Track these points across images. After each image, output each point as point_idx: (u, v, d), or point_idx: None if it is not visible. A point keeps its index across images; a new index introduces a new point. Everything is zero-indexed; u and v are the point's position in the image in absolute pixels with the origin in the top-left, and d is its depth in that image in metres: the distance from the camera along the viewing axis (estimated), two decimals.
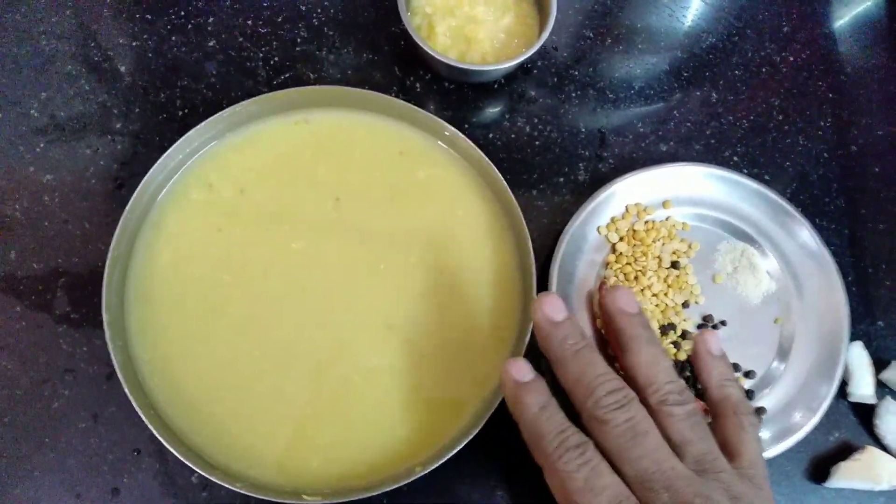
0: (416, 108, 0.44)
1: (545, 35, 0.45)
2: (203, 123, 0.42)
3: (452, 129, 0.44)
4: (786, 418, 0.42)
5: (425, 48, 0.43)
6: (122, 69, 0.48)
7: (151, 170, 0.40)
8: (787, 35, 0.55)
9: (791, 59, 0.54)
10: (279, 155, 0.44)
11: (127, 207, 0.40)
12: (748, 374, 0.44)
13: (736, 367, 0.44)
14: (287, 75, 0.49)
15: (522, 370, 0.33)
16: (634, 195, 0.46)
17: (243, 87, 0.48)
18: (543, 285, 0.43)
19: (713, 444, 0.32)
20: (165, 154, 0.41)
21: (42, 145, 0.46)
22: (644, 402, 0.32)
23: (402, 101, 0.44)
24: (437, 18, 0.45)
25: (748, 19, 0.55)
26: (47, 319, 0.42)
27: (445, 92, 0.49)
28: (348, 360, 0.41)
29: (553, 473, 0.30)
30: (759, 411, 0.43)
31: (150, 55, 0.48)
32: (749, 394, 0.43)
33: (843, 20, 0.57)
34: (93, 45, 0.48)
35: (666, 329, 0.44)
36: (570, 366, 0.32)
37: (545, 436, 0.30)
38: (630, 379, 0.33)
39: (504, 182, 0.43)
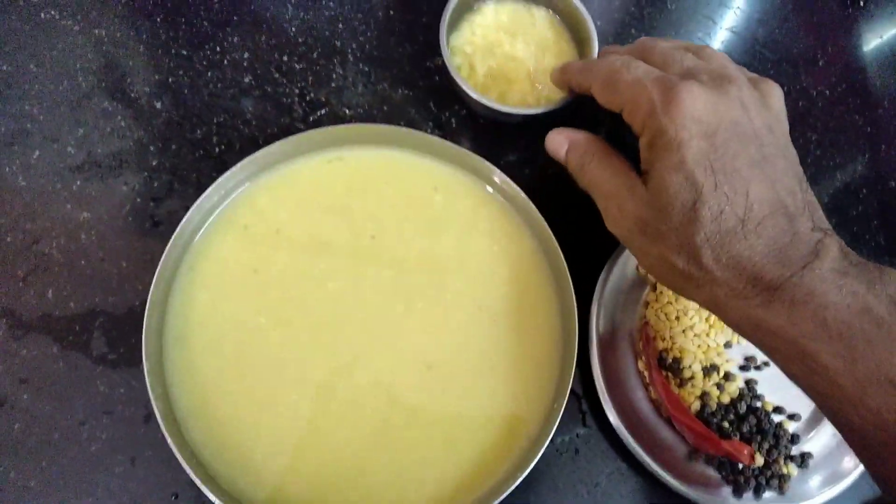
0: (451, 143, 0.43)
1: None
2: (237, 165, 0.42)
3: (489, 165, 0.43)
4: (834, 462, 0.42)
5: (467, 90, 0.43)
6: (159, 105, 0.48)
7: (187, 214, 0.40)
8: (822, 68, 0.55)
9: (827, 92, 0.54)
10: (314, 194, 0.44)
11: (164, 254, 0.39)
12: (793, 417, 0.43)
13: (780, 409, 0.43)
14: (323, 111, 0.48)
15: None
16: None
17: (279, 123, 0.48)
18: (584, 324, 0.42)
19: None
20: (201, 197, 0.41)
21: (79, 182, 0.46)
22: None
23: (436, 138, 0.43)
24: (477, 58, 0.45)
25: (782, 52, 0.55)
26: (84, 360, 0.42)
27: (482, 128, 0.49)
28: (388, 400, 0.40)
29: (599, 75, 0.38)
30: (805, 456, 0.42)
31: (186, 91, 0.48)
32: (794, 438, 0.42)
33: (876, 48, 0.56)
34: (129, 81, 0.48)
35: (709, 370, 0.43)
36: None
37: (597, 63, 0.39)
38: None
39: (542, 219, 0.42)
